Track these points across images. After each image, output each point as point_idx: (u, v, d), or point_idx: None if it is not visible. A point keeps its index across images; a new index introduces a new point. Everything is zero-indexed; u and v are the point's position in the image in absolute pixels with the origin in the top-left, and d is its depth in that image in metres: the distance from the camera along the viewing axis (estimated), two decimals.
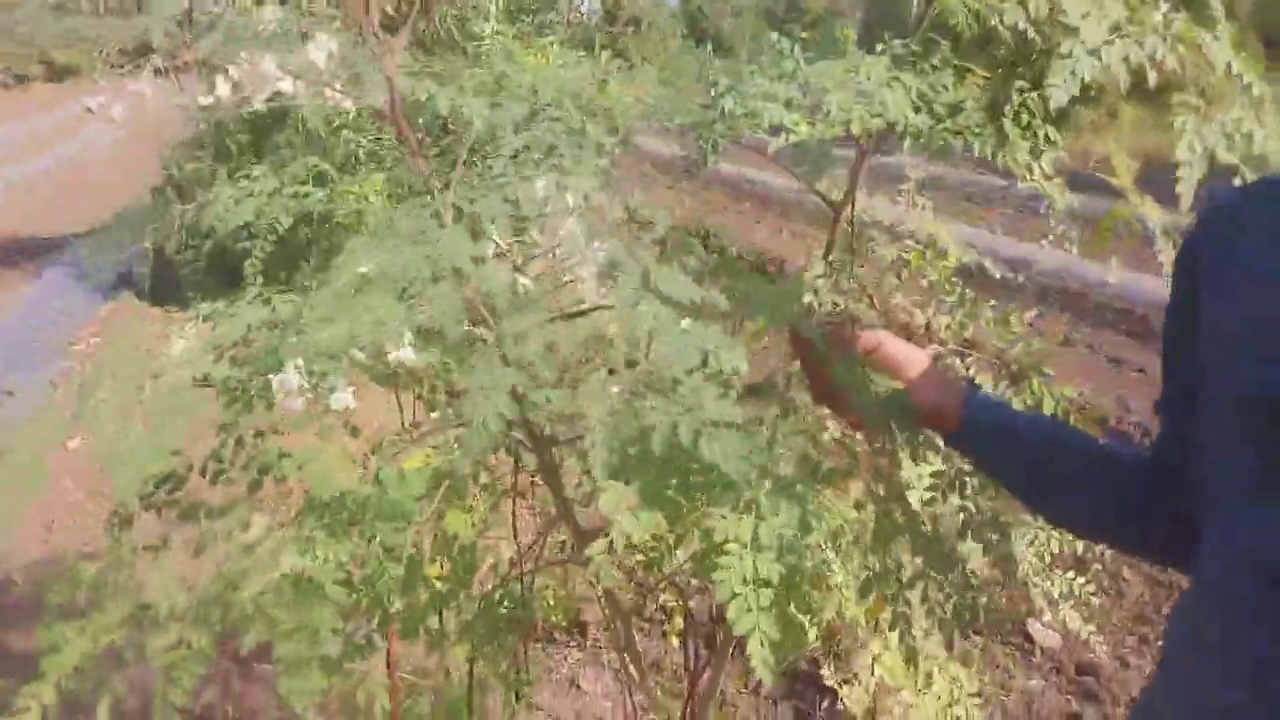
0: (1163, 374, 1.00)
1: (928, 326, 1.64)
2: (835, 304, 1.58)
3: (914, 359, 1.18)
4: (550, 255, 0.90)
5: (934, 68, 1.29)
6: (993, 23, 1.46)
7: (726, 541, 1.09)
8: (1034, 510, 1.28)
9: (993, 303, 1.59)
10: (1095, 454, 1.09)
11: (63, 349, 6.14)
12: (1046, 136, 1.53)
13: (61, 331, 6.43)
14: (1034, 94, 1.57)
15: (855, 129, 1.16)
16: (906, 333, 1.64)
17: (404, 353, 0.93)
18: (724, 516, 1.12)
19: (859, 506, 1.44)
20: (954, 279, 1.67)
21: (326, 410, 0.93)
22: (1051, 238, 1.87)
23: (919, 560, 1.23)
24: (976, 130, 1.16)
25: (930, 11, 1.57)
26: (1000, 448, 1.13)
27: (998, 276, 2.06)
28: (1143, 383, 6.09)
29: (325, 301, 0.83)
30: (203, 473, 1.23)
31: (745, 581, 1.07)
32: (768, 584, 1.07)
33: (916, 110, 1.21)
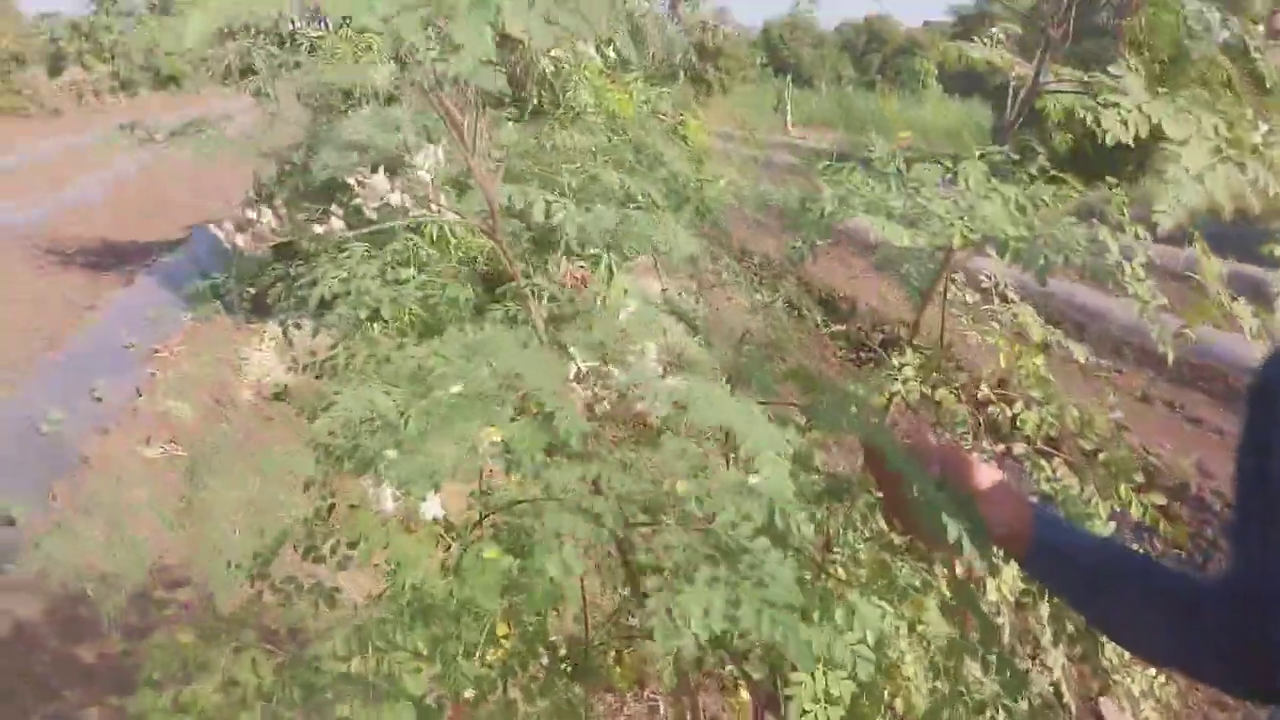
0: (1235, 503, 0.99)
1: (1014, 421, 1.62)
2: (924, 394, 1.57)
3: (985, 475, 1.16)
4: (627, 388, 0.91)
5: (1031, 177, 1.28)
6: (1089, 124, 1.46)
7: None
8: (1105, 637, 1.26)
9: (1076, 411, 1.57)
10: (1166, 584, 1.06)
11: (148, 356, 6.35)
12: (1136, 234, 1.51)
13: (149, 338, 6.65)
14: (1121, 191, 1.55)
15: (957, 242, 1.15)
16: (993, 428, 1.62)
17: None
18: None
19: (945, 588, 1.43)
20: (1043, 372, 1.64)
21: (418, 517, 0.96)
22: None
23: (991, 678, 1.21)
24: (1077, 247, 1.15)
25: (1019, 111, 1.56)
26: (1067, 573, 1.12)
27: (1082, 361, 2.03)
28: (1222, 446, 5.90)
29: (416, 425, 0.86)
30: (295, 546, 1.27)
31: (815, 699, 1.07)
32: (837, 702, 1.07)
33: (1014, 223, 1.20)
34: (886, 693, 1.58)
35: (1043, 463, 1.54)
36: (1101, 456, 1.55)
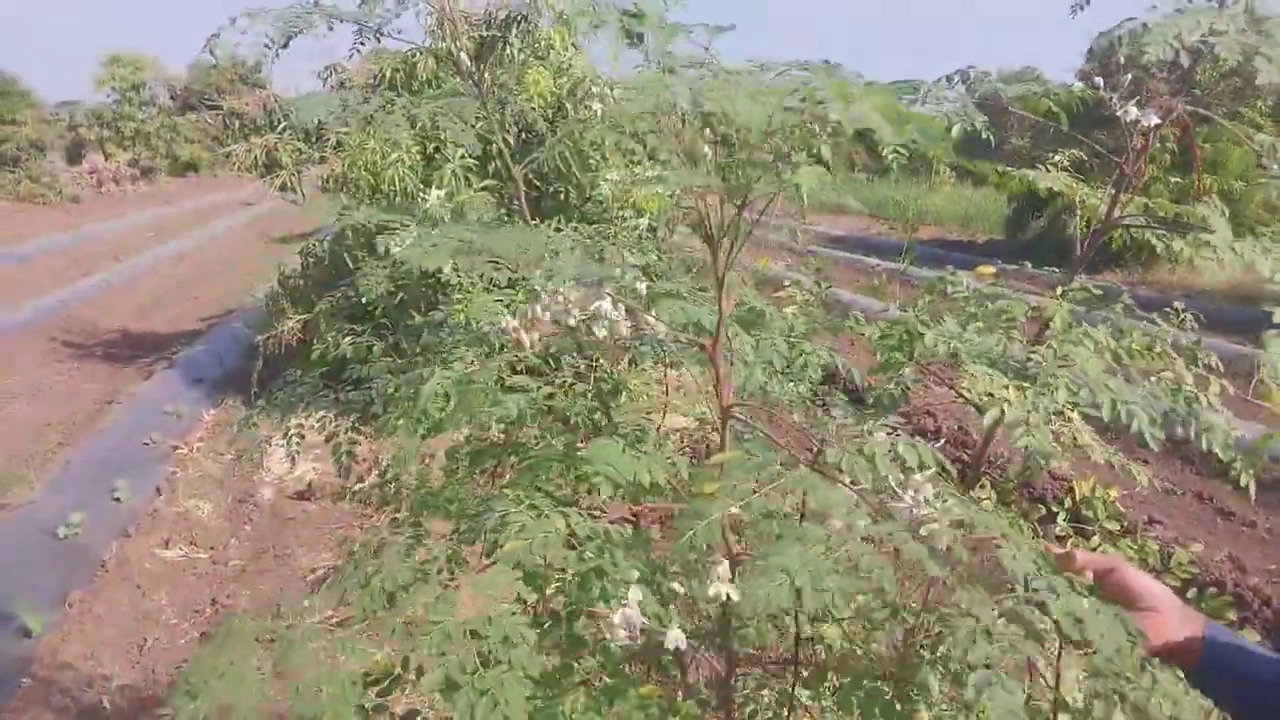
0: None
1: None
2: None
3: (1151, 589, 1.15)
4: None
5: (1122, 332, 1.26)
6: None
7: None
8: None
9: (1156, 546, 1.53)
10: None
11: (168, 453, 6.28)
12: (1209, 366, 1.50)
13: (169, 434, 6.60)
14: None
15: (1062, 398, 1.13)
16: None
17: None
18: None
19: None
20: (1120, 513, 1.60)
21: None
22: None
23: None
24: (1178, 411, 1.13)
25: (1093, 246, 1.56)
26: (1246, 689, 1.08)
27: (1144, 484, 2.00)
28: (1254, 539, 5.78)
29: None
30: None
31: None
32: None
33: (1110, 373, 1.18)
34: None
35: None
36: (1190, 594, 1.50)
